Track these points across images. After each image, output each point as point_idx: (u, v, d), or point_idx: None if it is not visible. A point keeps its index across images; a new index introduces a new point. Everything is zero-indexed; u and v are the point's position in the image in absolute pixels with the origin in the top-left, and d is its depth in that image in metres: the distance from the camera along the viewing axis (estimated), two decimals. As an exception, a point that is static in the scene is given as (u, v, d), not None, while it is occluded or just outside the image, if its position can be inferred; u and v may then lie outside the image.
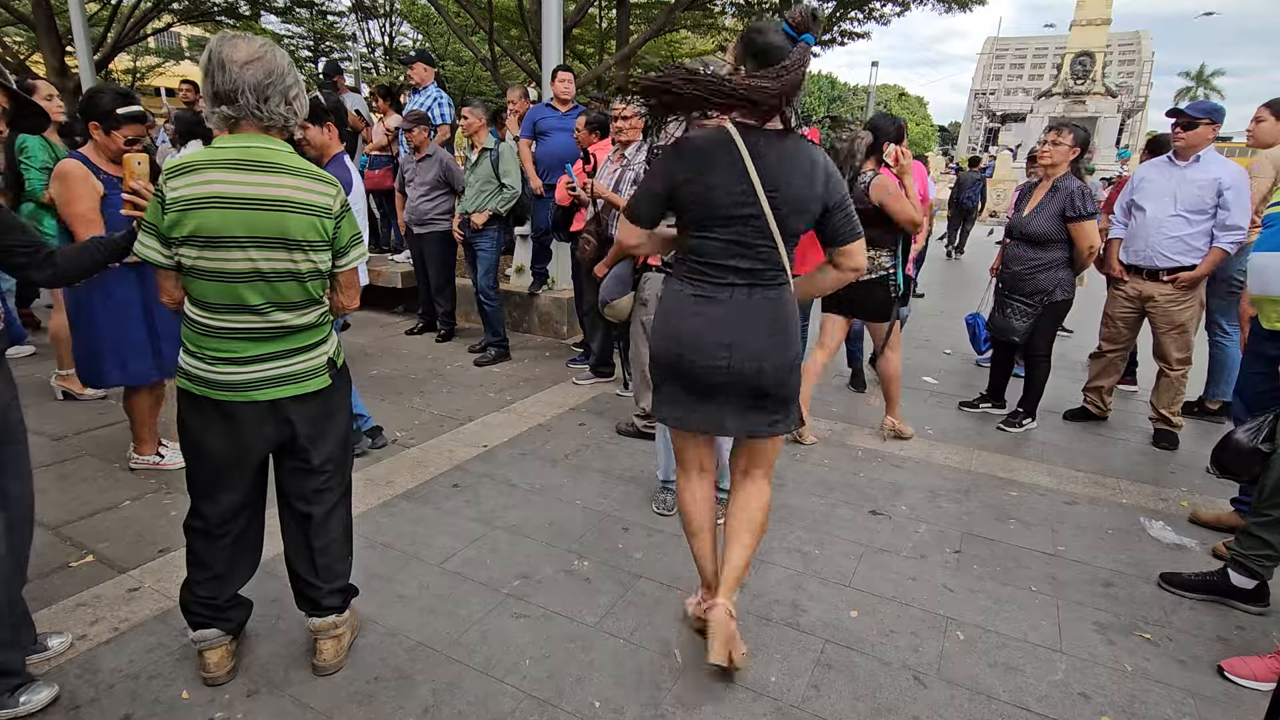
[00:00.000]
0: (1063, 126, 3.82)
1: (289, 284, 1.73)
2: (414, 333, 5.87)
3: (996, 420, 4.21)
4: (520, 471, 3.36)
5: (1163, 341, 3.90)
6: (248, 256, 1.67)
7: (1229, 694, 2.05)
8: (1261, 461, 2.44)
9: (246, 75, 1.64)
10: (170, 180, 1.63)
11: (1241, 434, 2.51)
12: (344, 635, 2.04)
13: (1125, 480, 3.52)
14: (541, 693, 1.96)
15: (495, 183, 4.87)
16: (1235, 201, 3.57)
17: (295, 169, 1.71)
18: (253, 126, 1.70)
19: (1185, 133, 3.67)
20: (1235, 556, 2.43)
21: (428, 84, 6.18)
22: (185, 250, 1.66)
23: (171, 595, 2.22)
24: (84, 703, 1.86)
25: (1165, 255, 3.76)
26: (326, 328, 1.89)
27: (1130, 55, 70.75)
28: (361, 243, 1.88)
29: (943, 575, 2.61)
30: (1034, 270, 3.84)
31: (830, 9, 16.72)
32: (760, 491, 2.11)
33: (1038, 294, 3.84)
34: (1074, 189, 3.69)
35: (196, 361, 1.74)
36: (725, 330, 1.86)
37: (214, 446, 1.79)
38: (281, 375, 1.77)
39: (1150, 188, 3.84)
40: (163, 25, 18.34)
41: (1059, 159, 3.77)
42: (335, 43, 26.82)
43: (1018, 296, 3.90)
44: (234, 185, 1.64)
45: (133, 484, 3.10)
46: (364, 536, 2.63)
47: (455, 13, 15.89)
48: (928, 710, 1.95)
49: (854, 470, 3.52)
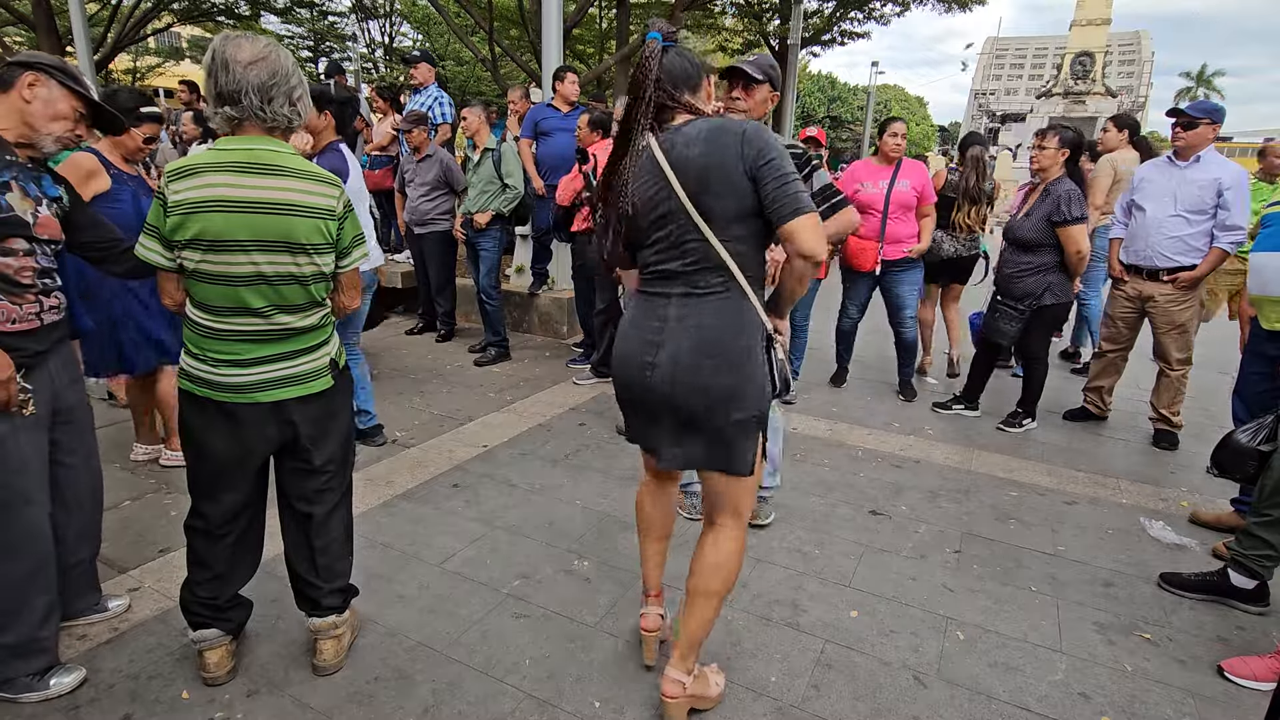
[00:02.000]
0: (1049, 130, 3.85)
1: (291, 287, 1.73)
2: (414, 333, 5.87)
3: (995, 421, 4.21)
4: (520, 471, 3.36)
5: (1163, 341, 3.90)
6: (251, 260, 1.66)
7: (1229, 694, 2.05)
8: (1259, 461, 2.44)
9: (250, 76, 1.63)
10: (172, 183, 1.63)
11: (1241, 435, 2.51)
12: (344, 635, 2.04)
13: (1125, 480, 3.52)
14: (541, 693, 1.96)
15: (498, 183, 4.87)
16: (1235, 201, 3.56)
17: (299, 171, 1.70)
18: (256, 128, 1.69)
19: (1185, 133, 3.66)
20: (1235, 556, 2.43)
21: (429, 84, 6.19)
22: (188, 254, 1.66)
23: (171, 595, 2.23)
24: (84, 703, 1.86)
25: (1165, 255, 3.75)
26: (329, 329, 1.89)
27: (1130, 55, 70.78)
28: (364, 243, 1.88)
29: (943, 575, 2.61)
30: (1023, 274, 3.86)
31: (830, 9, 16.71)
32: (717, 543, 1.81)
33: (1026, 297, 3.85)
34: (1063, 193, 3.69)
35: (199, 363, 1.74)
36: (651, 347, 1.70)
37: (216, 447, 1.79)
38: (284, 377, 1.77)
39: (1150, 188, 3.83)
40: (163, 25, 18.37)
41: (1047, 163, 3.80)
42: (335, 43, 26.83)
43: (1007, 300, 3.93)
44: (238, 189, 1.64)
45: (133, 484, 3.11)
46: (364, 536, 2.63)
47: (455, 13, 15.90)
48: (928, 710, 1.95)
49: (854, 470, 3.52)
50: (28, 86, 1.79)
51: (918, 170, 4.36)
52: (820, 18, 17.88)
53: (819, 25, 18.35)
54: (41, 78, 1.81)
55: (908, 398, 4.62)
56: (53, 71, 1.83)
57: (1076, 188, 3.74)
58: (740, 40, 16.90)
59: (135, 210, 2.83)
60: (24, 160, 1.82)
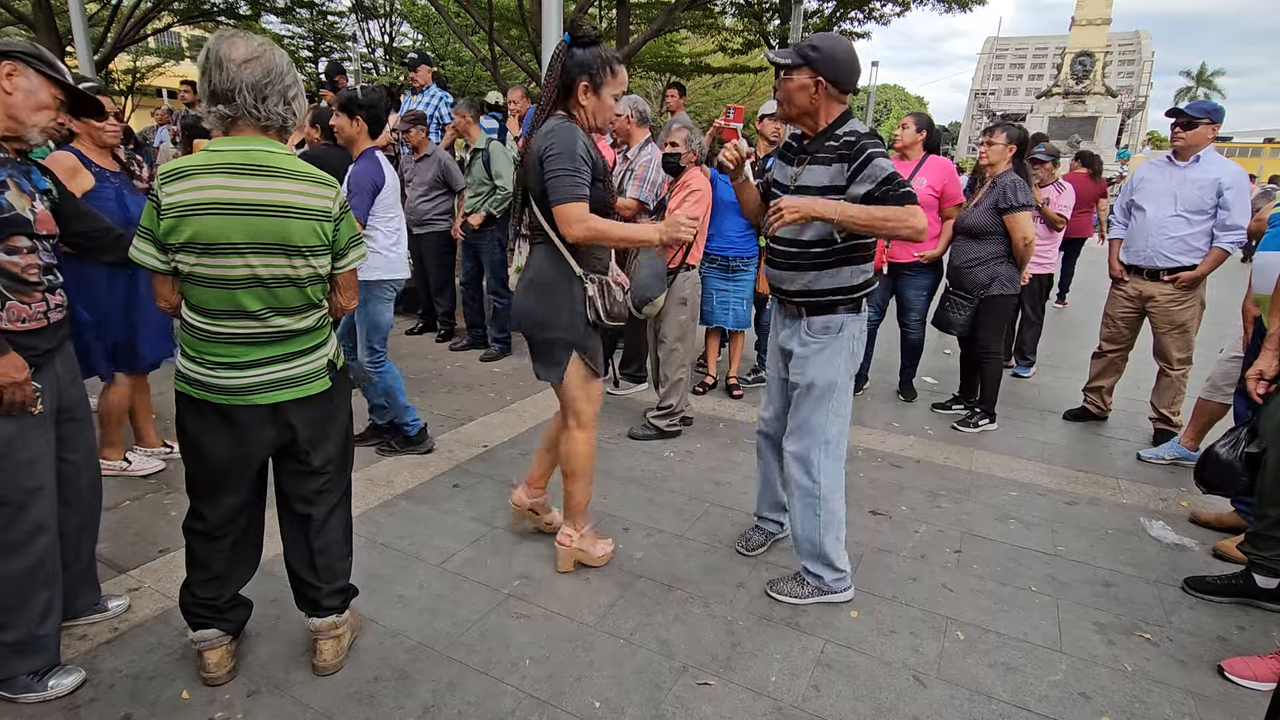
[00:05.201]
0: (996, 128, 3.97)
1: (287, 289, 1.72)
2: (414, 333, 5.87)
3: (1005, 425, 4.20)
4: (520, 471, 3.35)
5: (1163, 341, 3.90)
6: (246, 263, 1.65)
7: (1229, 694, 2.05)
8: (1251, 472, 2.44)
9: (244, 74, 1.61)
10: (165, 185, 1.61)
11: (1221, 448, 2.54)
12: (344, 635, 2.03)
13: (1125, 480, 3.52)
14: (541, 693, 1.96)
15: (489, 184, 4.85)
16: (1235, 201, 3.57)
17: (295, 173, 1.68)
18: (250, 128, 1.67)
19: (1185, 132, 3.67)
20: (1254, 560, 2.43)
21: (429, 85, 6.21)
22: (183, 256, 1.64)
23: (171, 595, 2.23)
24: (84, 703, 1.86)
25: (1166, 255, 3.76)
26: (326, 330, 1.88)
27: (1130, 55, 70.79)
28: (361, 244, 1.87)
29: (943, 575, 2.61)
30: (972, 265, 3.95)
31: (830, 9, 16.71)
32: (565, 439, 2.44)
33: (976, 287, 3.94)
34: (1008, 183, 3.78)
35: (196, 366, 1.73)
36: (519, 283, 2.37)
37: (214, 450, 1.79)
38: (282, 379, 1.77)
39: (1150, 188, 3.84)
40: (163, 25, 18.34)
41: (995, 158, 3.92)
42: (335, 43, 26.81)
43: (958, 290, 4.03)
44: (233, 191, 1.62)
45: (133, 484, 3.10)
46: (364, 536, 2.63)
47: (455, 13, 15.89)
48: (928, 710, 1.95)
49: (854, 470, 3.52)
50: (6, 77, 1.74)
51: (940, 169, 4.27)
52: (820, 18, 17.88)
53: (819, 25, 18.34)
54: (19, 67, 1.76)
55: (908, 398, 4.62)
56: (29, 59, 1.77)
57: (1020, 178, 3.82)
58: (740, 40, 16.88)
59: (120, 207, 2.83)
60: (13, 155, 1.80)
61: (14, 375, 1.69)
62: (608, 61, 2.18)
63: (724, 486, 3.27)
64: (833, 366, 2.25)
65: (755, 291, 4.47)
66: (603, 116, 2.26)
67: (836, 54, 2.10)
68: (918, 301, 4.40)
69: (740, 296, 4.38)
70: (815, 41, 2.11)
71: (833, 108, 2.16)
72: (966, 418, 4.16)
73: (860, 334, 2.29)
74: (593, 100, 2.18)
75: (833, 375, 2.25)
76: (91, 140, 2.83)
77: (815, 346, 2.26)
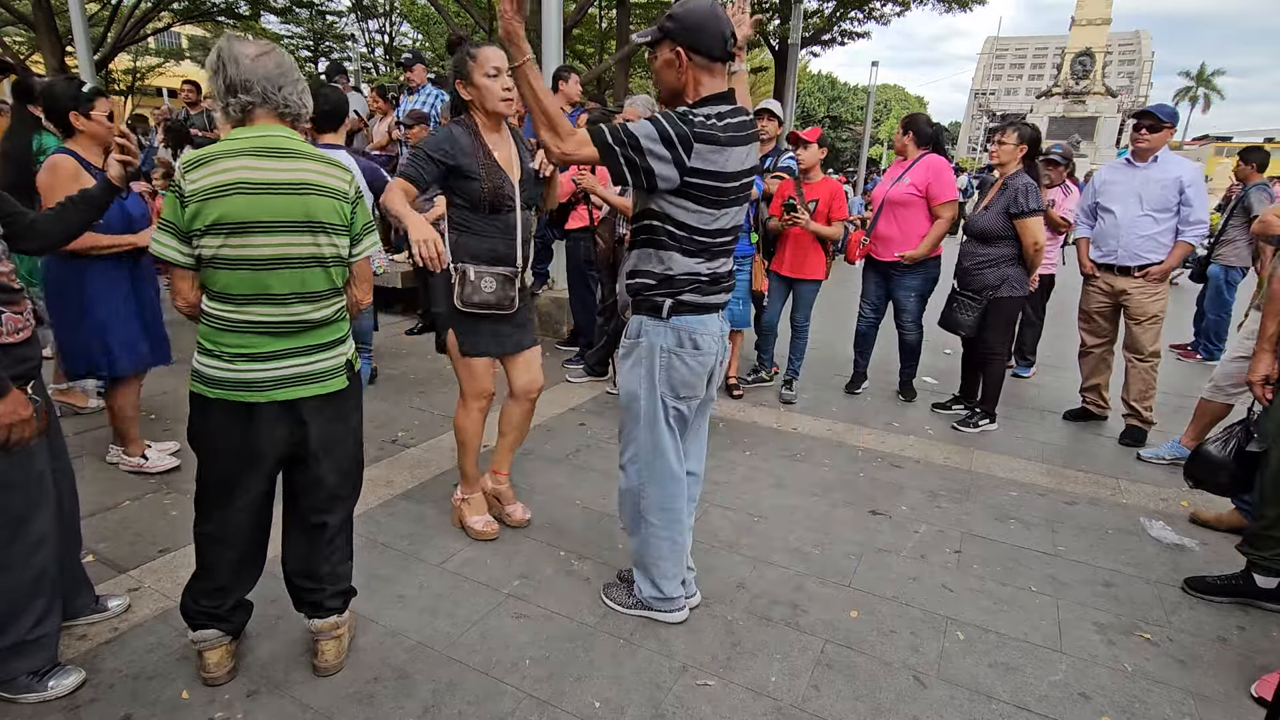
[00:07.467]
0: (1007, 127, 3.93)
1: (313, 270, 1.74)
2: (414, 333, 5.86)
3: (1006, 425, 4.20)
4: (520, 471, 3.36)
5: (1135, 333, 3.98)
6: (272, 242, 1.67)
7: (1229, 694, 2.05)
8: (1229, 470, 2.46)
9: (259, 67, 1.67)
10: (189, 173, 1.63)
11: (1211, 446, 2.56)
12: (345, 635, 2.03)
13: (1125, 480, 3.52)
14: (541, 693, 1.96)
15: None
16: (1196, 197, 3.75)
17: (313, 154, 1.74)
18: (269, 116, 1.71)
19: (1150, 135, 3.81)
20: (1255, 560, 2.43)
21: (424, 84, 6.23)
22: (209, 240, 1.64)
23: (171, 595, 2.23)
24: (84, 703, 1.86)
25: (1138, 254, 3.89)
26: (344, 325, 1.89)
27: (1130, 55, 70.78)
28: (374, 231, 1.90)
29: (943, 575, 2.61)
30: (981, 266, 3.93)
31: (830, 9, 16.71)
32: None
33: (984, 289, 3.92)
34: (1020, 186, 3.75)
35: (213, 360, 1.72)
36: None
37: (228, 450, 1.78)
38: (300, 374, 1.76)
39: (1115, 190, 3.96)
40: (163, 25, 18.35)
41: (1006, 158, 3.87)
42: (335, 43, 26.82)
43: (966, 291, 4.00)
44: (258, 171, 1.65)
45: (133, 484, 3.10)
46: (364, 536, 2.63)
47: (455, 13, 15.90)
48: (928, 710, 1.95)
49: (854, 470, 3.52)
50: None
51: (926, 168, 4.13)
52: (820, 17, 17.88)
53: (819, 25, 18.34)
54: None
55: (908, 398, 4.62)
56: None
57: (1033, 181, 3.80)
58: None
59: (120, 210, 2.83)
60: None
61: (21, 413, 1.67)
62: (465, 53, 2.41)
63: (723, 486, 3.27)
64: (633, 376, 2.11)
65: (752, 290, 4.46)
66: (487, 97, 2.40)
67: (693, 17, 1.85)
68: (908, 302, 4.36)
69: (736, 295, 4.36)
70: (672, 10, 1.89)
71: (703, 81, 1.91)
72: (966, 418, 4.16)
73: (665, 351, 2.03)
74: (471, 90, 2.40)
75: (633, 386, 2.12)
76: (89, 143, 2.82)
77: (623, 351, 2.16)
